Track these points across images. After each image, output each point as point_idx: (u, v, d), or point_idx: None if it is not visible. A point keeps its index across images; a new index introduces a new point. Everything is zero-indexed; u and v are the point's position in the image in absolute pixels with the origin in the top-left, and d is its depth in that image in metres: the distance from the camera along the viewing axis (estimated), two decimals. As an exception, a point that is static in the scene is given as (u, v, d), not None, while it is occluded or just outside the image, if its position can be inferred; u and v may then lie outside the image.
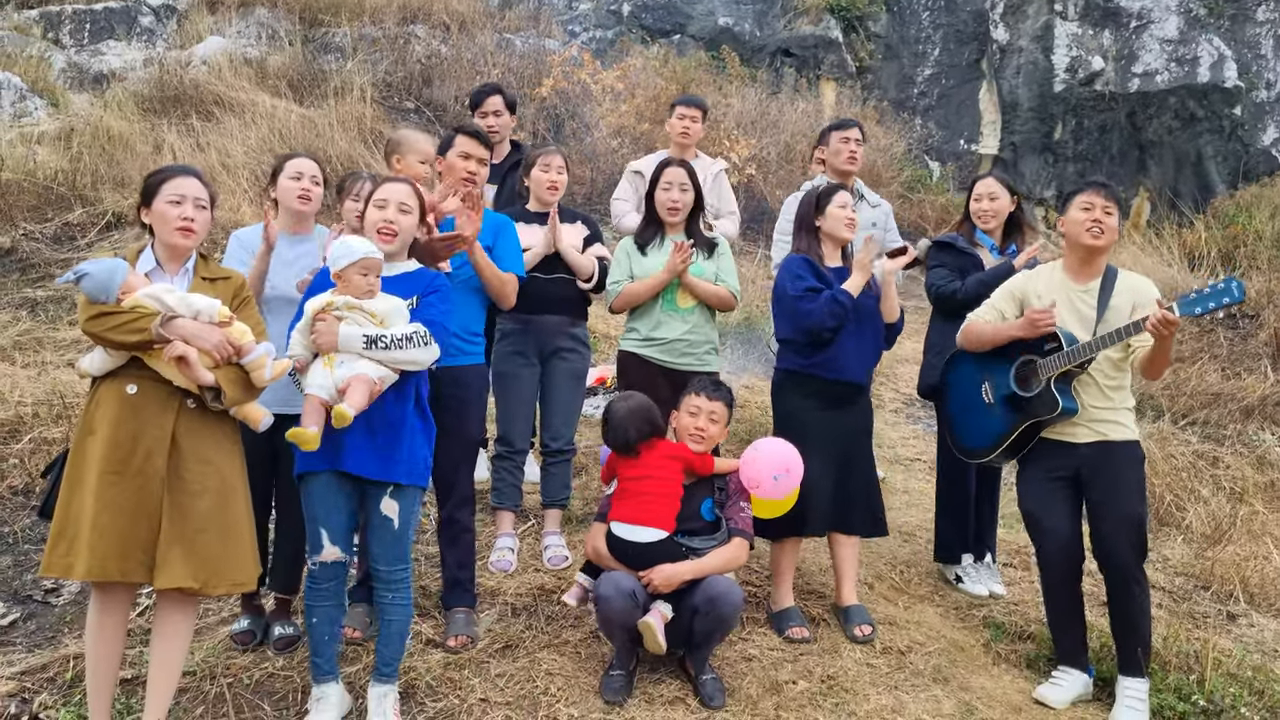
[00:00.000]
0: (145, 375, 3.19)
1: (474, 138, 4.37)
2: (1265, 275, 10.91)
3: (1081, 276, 4.22)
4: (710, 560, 3.88)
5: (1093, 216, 4.12)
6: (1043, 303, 4.21)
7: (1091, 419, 4.10)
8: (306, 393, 3.37)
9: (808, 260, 4.53)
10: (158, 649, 3.30)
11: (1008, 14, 14.81)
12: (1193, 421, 8.08)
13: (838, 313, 4.32)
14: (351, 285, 3.42)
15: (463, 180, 4.29)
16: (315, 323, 3.40)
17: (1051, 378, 4.09)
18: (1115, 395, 4.12)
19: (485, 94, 5.78)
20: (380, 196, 3.60)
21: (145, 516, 3.12)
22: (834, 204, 4.54)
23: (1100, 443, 4.08)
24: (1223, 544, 6.15)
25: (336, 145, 10.31)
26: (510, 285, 4.27)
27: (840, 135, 5.68)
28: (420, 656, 3.92)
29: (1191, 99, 14.05)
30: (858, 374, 4.49)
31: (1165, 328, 3.76)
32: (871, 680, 4.07)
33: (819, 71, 14.82)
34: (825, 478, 4.38)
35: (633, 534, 3.84)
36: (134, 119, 10.32)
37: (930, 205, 13.16)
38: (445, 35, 13.49)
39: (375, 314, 3.43)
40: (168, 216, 3.29)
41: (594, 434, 6.32)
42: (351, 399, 3.28)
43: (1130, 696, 4.03)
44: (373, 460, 3.44)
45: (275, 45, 12.99)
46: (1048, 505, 4.18)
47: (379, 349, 3.37)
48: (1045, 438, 4.20)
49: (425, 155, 4.23)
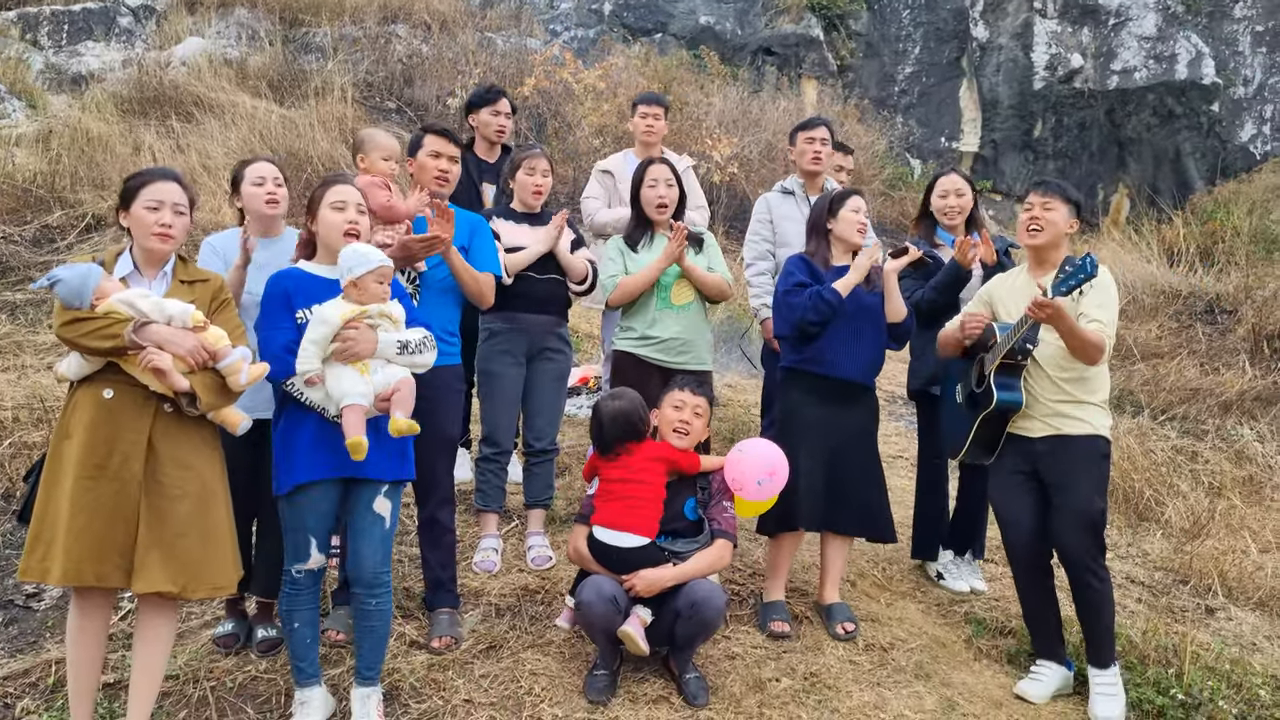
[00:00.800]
0: (121, 380, 3.17)
1: (443, 136, 4.36)
2: (1243, 271, 11.02)
3: (1039, 273, 4.26)
4: (693, 565, 3.89)
5: (1030, 215, 4.21)
6: (1004, 304, 4.29)
7: (1045, 412, 4.13)
8: (348, 404, 3.31)
9: (804, 259, 4.56)
10: (139, 653, 3.29)
11: (987, 12, 14.89)
12: (1171, 417, 8.15)
13: (821, 308, 4.34)
14: (368, 293, 3.41)
15: (435, 179, 4.29)
16: (347, 330, 3.37)
17: (991, 371, 4.13)
18: (1071, 387, 4.11)
19: (496, 95, 5.78)
20: (337, 199, 3.55)
21: (122, 521, 3.11)
22: (847, 208, 4.56)
23: (1055, 437, 4.11)
24: (1201, 538, 6.20)
25: (318, 146, 10.28)
26: (488, 285, 4.26)
27: (805, 135, 5.58)
28: (404, 658, 3.92)
29: (1170, 96, 14.17)
30: (855, 373, 4.48)
31: (1041, 310, 3.81)
32: (854, 677, 4.09)
33: (800, 70, 14.87)
34: (817, 474, 4.40)
35: (615, 539, 3.84)
36: (113, 120, 10.26)
37: (911, 203, 13.19)
38: (426, 35, 13.47)
39: (397, 320, 3.46)
40: (145, 222, 3.27)
41: (576, 434, 6.33)
42: (405, 407, 3.35)
43: (1102, 685, 4.07)
44: (384, 460, 3.45)
45: (255, 46, 12.94)
46: (1010, 499, 4.23)
47: (408, 354, 3.42)
48: (1010, 433, 4.24)
49: (389, 152, 4.21)
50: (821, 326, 4.39)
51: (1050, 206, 4.17)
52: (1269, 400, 8.53)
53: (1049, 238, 4.20)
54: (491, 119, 5.70)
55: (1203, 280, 10.90)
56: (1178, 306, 10.35)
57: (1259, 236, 11.91)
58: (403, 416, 3.33)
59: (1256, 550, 6.08)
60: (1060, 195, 4.19)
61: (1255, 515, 6.66)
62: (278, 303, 3.46)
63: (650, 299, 4.72)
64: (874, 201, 7.80)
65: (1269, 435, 7.90)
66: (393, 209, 4.04)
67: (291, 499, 3.44)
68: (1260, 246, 11.71)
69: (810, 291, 4.37)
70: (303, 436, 3.41)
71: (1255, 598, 5.57)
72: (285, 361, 3.35)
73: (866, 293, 4.50)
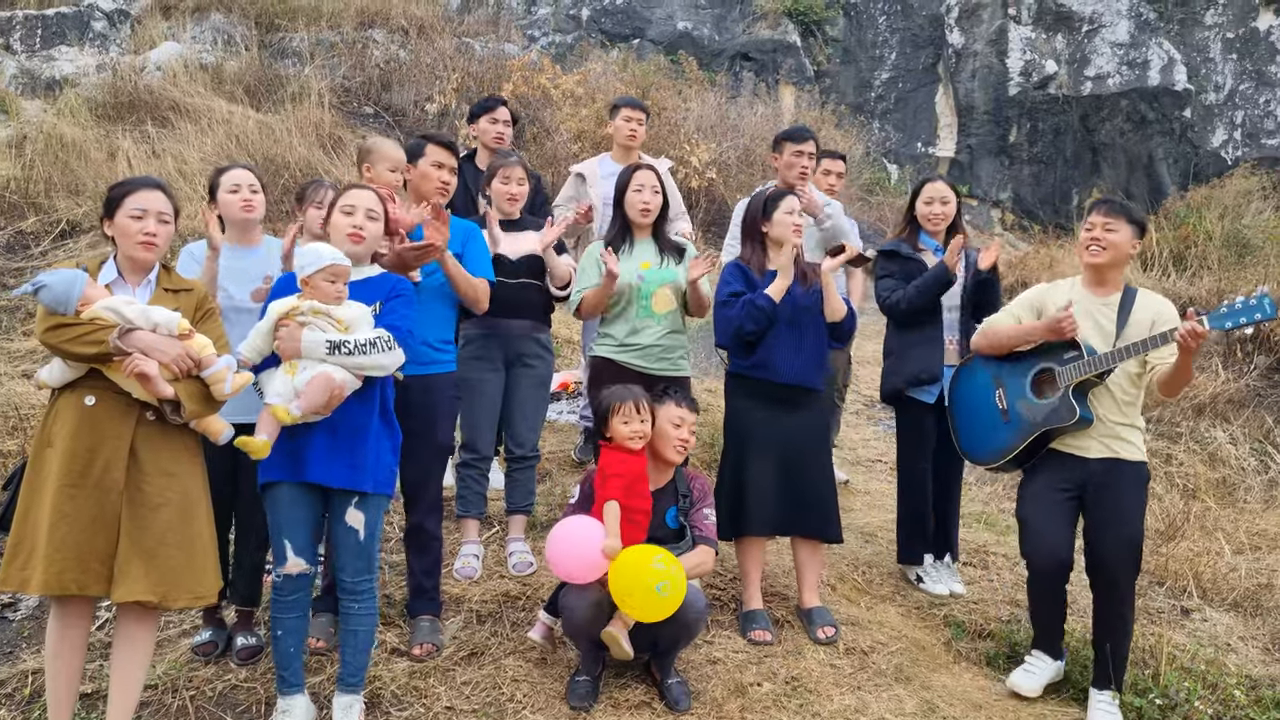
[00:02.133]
0: (104, 387, 3.16)
1: (445, 148, 4.37)
2: (1215, 275, 11.11)
3: (1100, 290, 4.22)
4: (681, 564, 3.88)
5: (1092, 235, 4.15)
6: None
7: (1104, 433, 4.11)
8: (266, 402, 3.35)
9: (739, 266, 4.56)
10: (118, 663, 3.27)
11: (963, 18, 15.00)
12: (1147, 420, 8.20)
13: (756, 316, 4.33)
14: (319, 291, 3.41)
15: (438, 190, 4.29)
16: (279, 328, 3.39)
17: (1070, 386, 4.09)
18: (1129, 411, 4.12)
19: (495, 103, 5.81)
20: (347, 203, 3.60)
21: (104, 529, 3.09)
22: (781, 210, 4.52)
23: (1111, 459, 4.09)
24: (1176, 540, 6.26)
25: (295, 151, 10.23)
26: (483, 290, 4.28)
27: (795, 149, 5.49)
28: (385, 665, 3.91)
29: (1142, 102, 14.32)
30: (799, 376, 4.46)
31: (1194, 339, 3.77)
32: (835, 681, 4.11)
33: (777, 76, 14.94)
34: (768, 478, 4.40)
35: None
36: (88, 126, 10.18)
37: (889, 208, 13.29)
38: (404, 40, 13.44)
39: (341, 320, 3.43)
40: (130, 231, 3.26)
41: (557, 440, 6.33)
42: (306, 399, 3.30)
43: (1101, 705, 4.09)
44: (338, 469, 3.43)
45: (231, 50, 12.87)
46: (1048, 516, 4.16)
47: (342, 354, 3.36)
48: (1055, 449, 4.20)
49: (396, 163, 4.21)
50: (759, 334, 4.39)
51: (1112, 228, 4.11)
52: (1241, 403, 8.63)
53: (1110, 258, 4.14)
54: (490, 127, 5.74)
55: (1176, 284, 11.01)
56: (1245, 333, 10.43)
57: (1230, 241, 12.02)
58: (294, 408, 3.28)
59: (1230, 552, 6.14)
60: (1125, 216, 4.13)
61: (1229, 517, 6.74)
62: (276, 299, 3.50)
63: (631, 306, 4.71)
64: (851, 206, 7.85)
65: (1241, 438, 7.99)
66: (397, 221, 4.04)
67: (266, 496, 3.49)
68: (1232, 251, 11.82)
69: (743, 300, 4.37)
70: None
71: (1229, 599, 5.63)
72: None
73: (805, 293, 4.49)
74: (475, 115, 5.87)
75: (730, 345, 4.53)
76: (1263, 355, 9.29)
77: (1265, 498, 7.21)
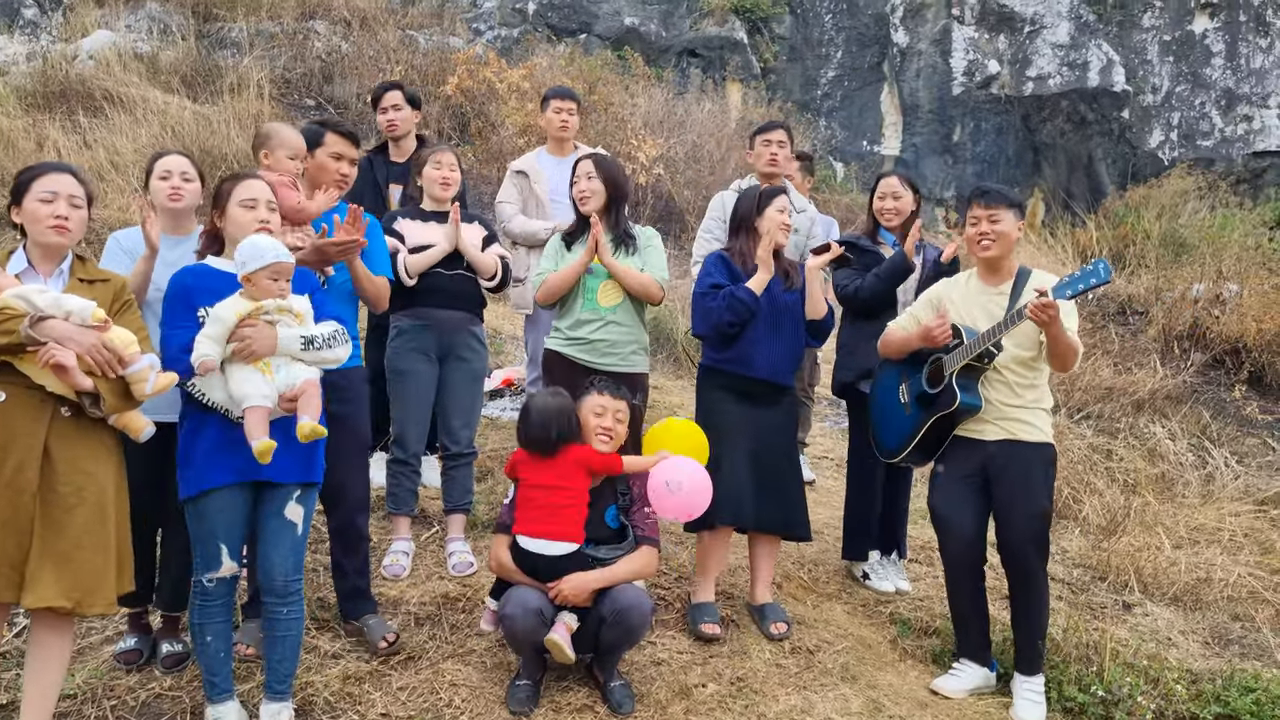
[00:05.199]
0: (16, 381, 2.99)
1: (346, 137, 4.25)
2: (1153, 273, 11.30)
3: (992, 280, 4.27)
4: (620, 568, 3.79)
5: (979, 230, 4.19)
6: (957, 309, 4.26)
7: (1000, 416, 4.14)
8: (249, 405, 3.19)
9: (723, 258, 4.54)
10: (32, 672, 3.11)
11: (907, 18, 15.10)
12: (1087, 416, 8.31)
13: (737, 308, 4.32)
14: (262, 289, 3.27)
15: (335, 182, 4.16)
16: (242, 329, 3.23)
17: (953, 373, 4.13)
18: (1026, 394, 4.15)
19: (384, 89, 5.67)
20: (248, 196, 3.44)
21: (15, 532, 2.93)
22: (773, 206, 4.52)
23: (1008, 441, 4.12)
24: (1117, 535, 6.32)
25: (233, 143, 10.01)
26: (384, 289, 4.16)
27: (763, 138, 5.67)
28: (317, 671, 3.77)
29: (1082, 102, 14.51)
30: (773, 372, 4.46)
31: (1043, 312, 3.83)
32: (780, 680, 4.06)
33: (725, 72, 14.92)
34: (741, 471, 4.36)
35: (541, 547, 3.72)
36: (15, 115, 9.88)
37: (835, 205, 13.31)
38: (346, 32, 13.24)
39: (300, 314, 3.34)
40: (39, 215, 3.11)
41: (497, 436, 6.22)
42: (311, 409, 3.23)
43: (1027, 691, 4.11)
44: (290, 463, 3.32)
45: (167, 40, 12.58)
46: (955, 502, 4.22)
47: (314, 349, 3.30)
48: (957, 435, 4.24)
49: (296, 150, 4.05)
50: (739, 327, 4.37)
51: (996, 218, 4.15)
52: (1179, 399, 8.76)
53: (1001, 249, 4.19)
54: (380, 117, 5.64)
55: (1115, 283, 11.16)
56: (1091, 308, 10.56)
57: (1168, 240, 12.22)
58: (309, 420, 3.21)
59: (1170, 546, 6.20)
60: (1004, 203, 4.17)
61: (1168, 512, 6.81)
62: (179, 301, 3.32)
63: (576, 299, 4.61)
64: (798, 203, 7.91)
65: (1179, 433, 8.10)
66: (302, 210, 3.91)
67: (196, 505, 3.30)
68: (1169, 250, 12.03)
69: (724, 292, 4.35)
70: (206, 439, 3.27)
71: (1170, 593, 5.69)
72: (184, 362, 3.20)
73: (784, 291, 4.49)
74: (373, 105, 5.77)
75: (708, 336, 4.50)
76: (1199, 352, 9.45)
77: (1203, 492, 7.29)
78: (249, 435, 3.15)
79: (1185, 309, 9.97)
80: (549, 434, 3.80)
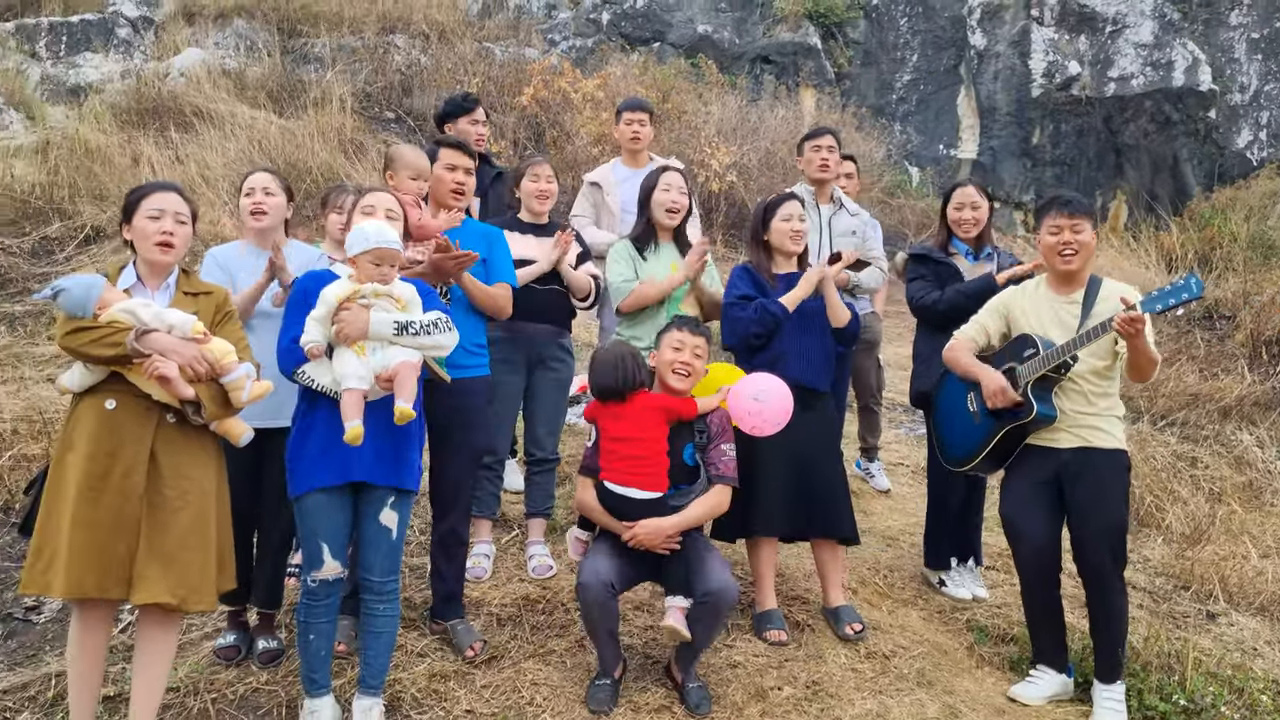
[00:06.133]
0: (124, 390, 3.18)
1: (457, 149, 4.38)
2: (1241, 277, 11.00)
3: (1064, 289, 4.25)
4: (693, 511, 3.87)
5: (1062, 240, 4.16)
6: (1027, 318, 4.26)
7: (1074, 424, 4.12)
8: (346, 386, 3.32)
9: (748, 270, 4.62)
10: (140, 666, 3.29)
11: (985, 20, 14.92)
12: (1171, 423, 8.14)
13: (766, 320, 4.40)
14: (364, 273, 3.42)
15: (452, 192, 4.30)
16: (340, 311, 3.38)
17: (1029, 383, 4.12)
18: (1099, 402, 4.13)
19: (473, 103, 5.79)
20: (367, 203, 3.63)
21: (124, 533, 3.11)
22: (778, 217, 4.61)
23: (1083, 449, 4.10)
24: (1202, 544, 6.20)
25: (317, 156, 10.29)
26: (503, 298, 4.29)
27: (812, 144, 5.70)
28: (405, 669, 3.91)
29: (1167, 103, 14.19)
30: (806, 378, 4.48)
31: (1130, 325, 3.81)
32: (856, 685, 4.09)
33: (798, 78, 14.89)
34: (778, 479, 4.40)
35: (625, 492, 3.83)
36: (111, 131, 10.27)
37: (910, 210, 13.23)
38: (425, 45, 13.49)
39: (400, 299, 3.45)
40: (147, 232, 3.29)
41: (576, 443, 6.32)
42: (404, 393, 3.31)
43: (1108, 700, 4.07)
44: (383, 467, 3.44)
45: (254, 56, 12.96)
46: (1027, 510, 4.20)
47: (409, 335, 3.39)
48: (1029, 444, 4.22)
49: (418, 171, 4.20)
50: (766, 339, 4.44)
51: (1080, 228, 4.13)
52: (1268, 405, 8.53)
53: (1083, 260, 4.17)
54: (470, 128, 5.70)
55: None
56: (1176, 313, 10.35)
57: (1256, 242, 11.90)
58: (404, 403, 3.30)
59: (1257, 555, 6.08)
60: (1086, 214, 4.15)
61: (1255, 520, 6.66)
62: (298, 302, 3.49)
63: (661, 310, 4.73)
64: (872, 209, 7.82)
65: (1268, 440, 7.90)
66: (423, 227, 4.05)
67: (301, 504, 3.46)
68: (1257, 252, 11.71)
69: (756, 304, 4.42)
70: (312, 442, 3.42)
71: (1256, 603, 5.57)
72: (294, 353, 3.37)
73: (812, 298, 4.52)
74: (452, 115, 5.78)
75: (738, 347, 4.56)
76: (1289, 357, 9.20)
77: (1292, 501, 7.11)
78: (343, 417, 3.27)
79: (1274, 313, 9.70)
80: (617, 382, 3.89)
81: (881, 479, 6.55)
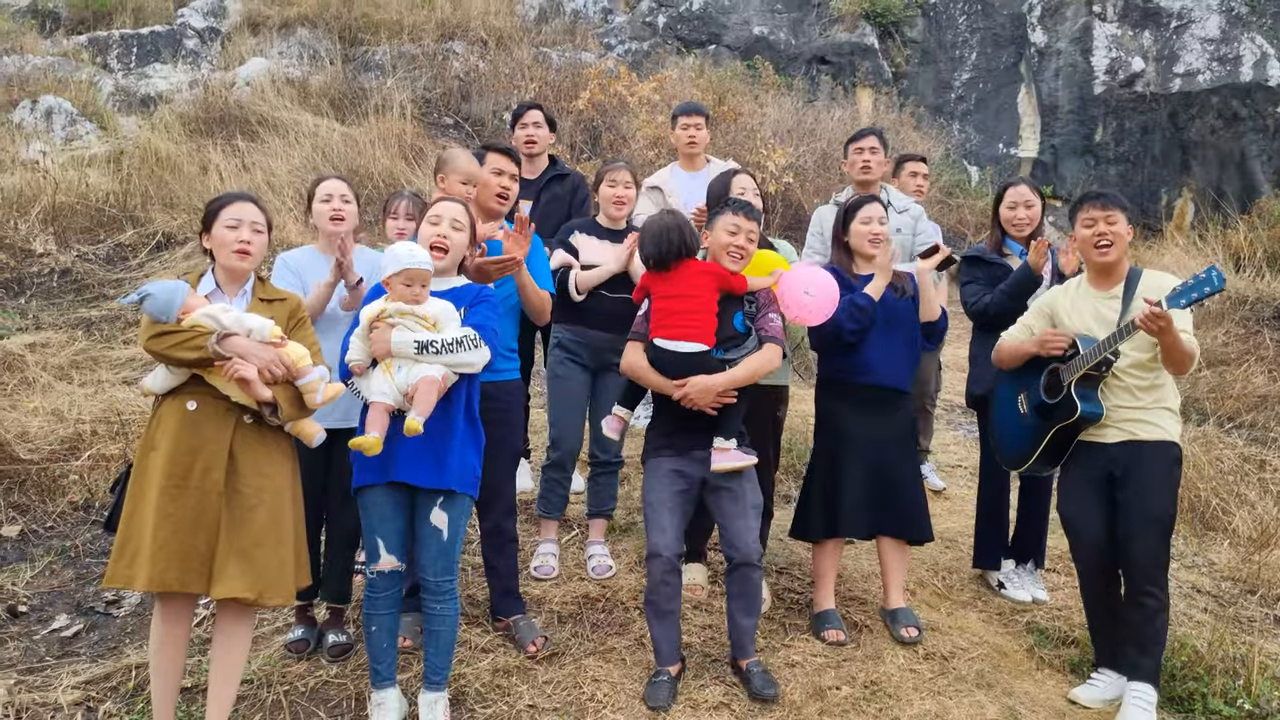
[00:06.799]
0: (204, 392, 3.31)
1: (504, 154, 4.47)
2: (1312, 275, 10.78)
3: (1104, 284, 4.25)
4: (743, 369, 3.92)
5: (1096, 231, 4.16)
6: (1069, 316, 4.27)
7: (1120, 419, 4.10)
8: (371, 400, 3.47)
9: (835, 269, 4.62)
10: (217, 658, 3.42)
11: (1045, 16, 14.74)
12: (1239, 424, 8.00)
13: (857, 315, 4.39)
14: (395, 293, 3.52)
15: (496, 197, 4.39)
16: (370, 330, 3.50)
17: (1071, 382, 4.11)
18: (1146, 395, 4.10)
19: (526, 107, 5.90)
20: (434, 213, 3.72)
21: (204, 529, 3.23)
22: (857, 219, 4.62)
23: (1129, 442, 4.08)
24: (1270, 547, 6.09)
25: (378, 163, 10.48)
26: (546, 302, 4.38)
27: (855, 146, 5.71)
28: (469, 664, 4.00)
29: (1234, 98, 13.90)
30: (890, 378, 4.52)
31: (1155, 322, 3.78)
32: (914, 685, 4.10)
33: (855, 78, 14.82)
34: (861, 481, 4.44)
35: (673, 346, 3.88)
36: (181, 140, 10.56)
37: (970, 210, 13.11)
38: (483, 51, 13.66)
39: (427, 318, 3.52)
40: (225, 240, 3.43)
41: (635, 444, 6.38)
42: (420, 406, 3.39)
43: (1136, 698, 3.96)
44: (424, 469, 3.52)
45: (316, 65, 13.23)
46: (1081, 506, 4.19)
47: (430, 353, 3.46)
48: (1081, 440, 4.22)
49: (467, 175, 4.29)
50: (860, 335, 4.44)
51: (1113, 219, 4.14)
52: (1339, 407, 8.35)
53: (1119, 252, 4.17)
54: (520, 132, 5.80)
55: (1270, 285, 10.69)
56: (1244, 312, 10.16)
57: (1328, 240, 11.65)
58: (416, 417, 3.36)
59: (1327, 560, 5.95)
60: (1119, 206, 4.16)
61: (1326, 525, 6.51)
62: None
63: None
64: (931, 209, 7.78)
65: (1339, 442, 7.73)
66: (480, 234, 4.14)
67: (359, 499, 3.60)
68: (1330, 250, 11.46)
69: (844, 300, 4.41)
70: None
71: (1326, 608, 5.47)
72: (344, 366, 3.55)
73: (896, 299, 4.54)
74: (511, 124, 5.98)
75: (827, 347, 4.56)
76: (1362, 357, 8.98)
77: (1365, 505, 6.95)
78: (365, 427, 3.43)
79: (1346, 312, 9.49)
80: (665, 248, 3.95)
81: (934, 479, 6.54)
